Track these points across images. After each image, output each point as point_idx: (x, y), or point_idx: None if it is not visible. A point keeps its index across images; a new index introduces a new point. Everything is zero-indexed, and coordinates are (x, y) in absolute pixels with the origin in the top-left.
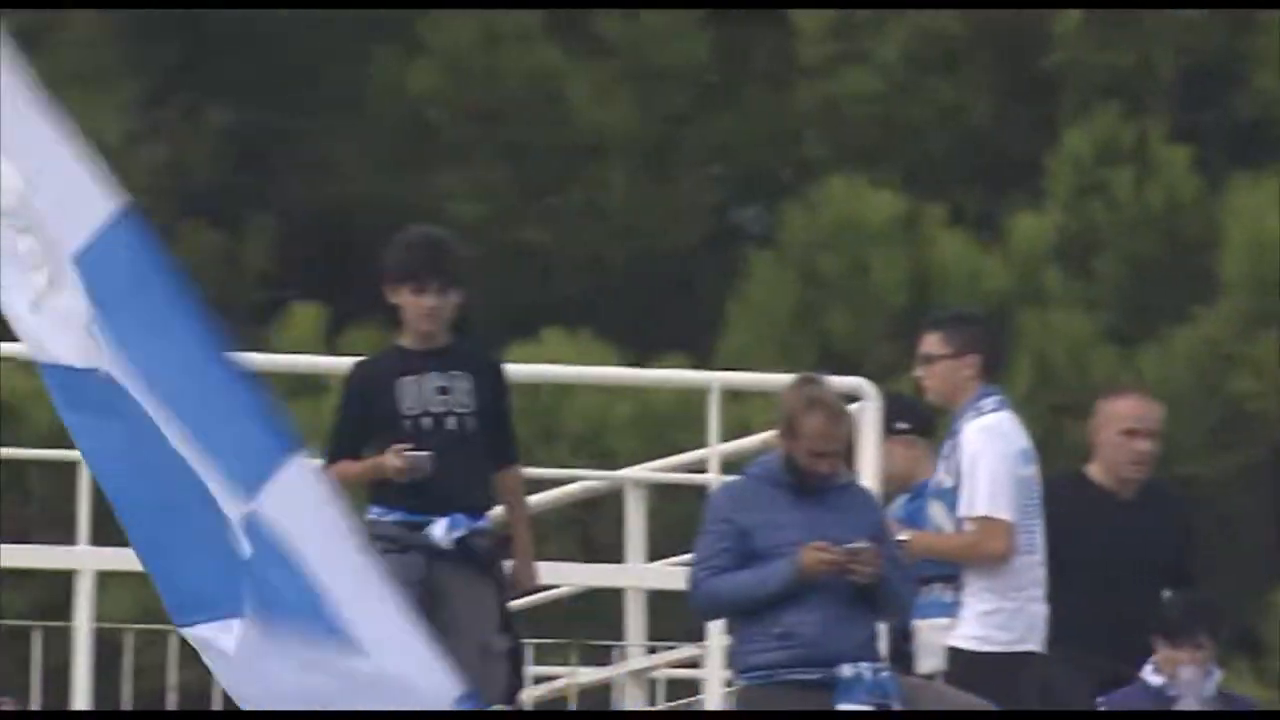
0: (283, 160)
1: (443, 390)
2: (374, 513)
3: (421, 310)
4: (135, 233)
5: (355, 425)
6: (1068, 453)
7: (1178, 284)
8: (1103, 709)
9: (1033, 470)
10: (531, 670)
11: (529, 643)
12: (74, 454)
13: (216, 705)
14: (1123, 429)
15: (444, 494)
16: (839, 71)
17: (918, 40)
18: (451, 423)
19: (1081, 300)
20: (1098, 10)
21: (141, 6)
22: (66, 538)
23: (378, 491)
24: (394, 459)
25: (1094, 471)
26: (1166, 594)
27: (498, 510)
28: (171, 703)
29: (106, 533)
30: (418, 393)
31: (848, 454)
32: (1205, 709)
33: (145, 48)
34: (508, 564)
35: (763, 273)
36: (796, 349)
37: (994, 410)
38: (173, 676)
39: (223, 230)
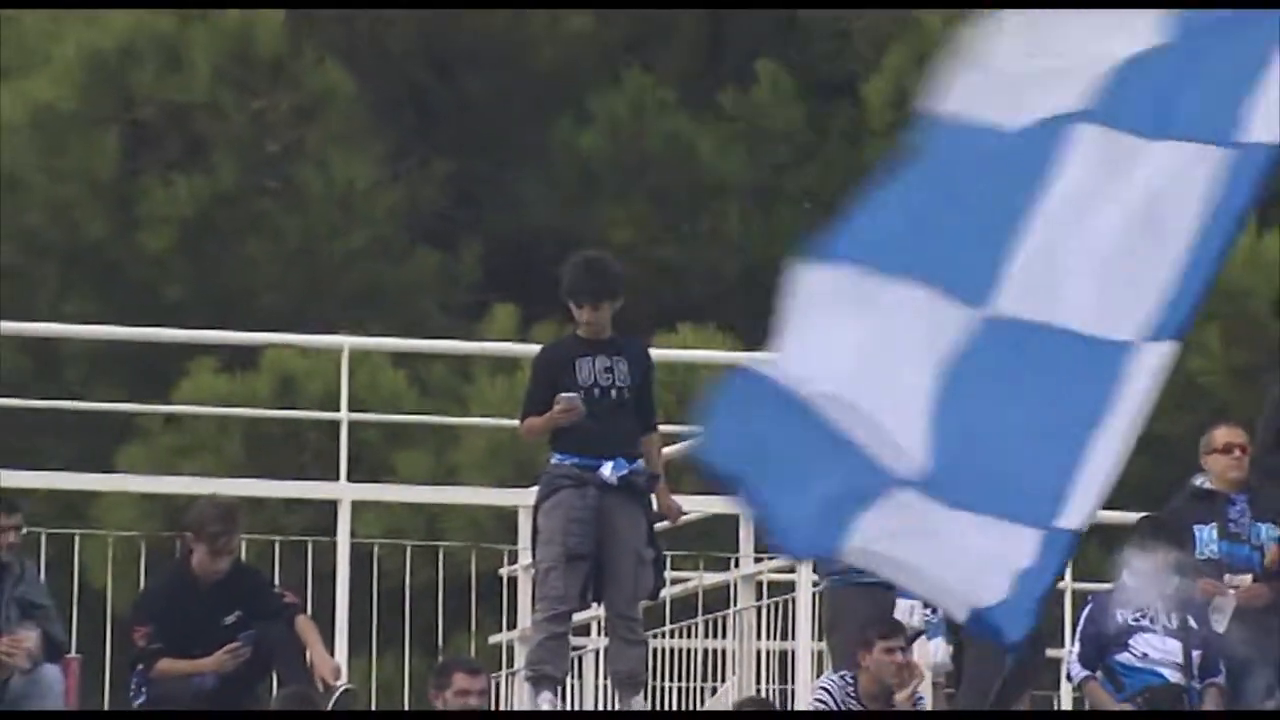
0: (488, 199)
1: (607, 370)
2: (555, 458)
3: (583, 319)
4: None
5: (542, 392)
6: None
7: None
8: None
9: None
10: (669, 574)
11: (668, 554)
12: (338, 415)
13: (441, 597)
14: None
15: (608, 444)
16: (896, 132)
17: None
18: (613, 394)
19: None
20: None
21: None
22: (331, 476)
23: (557, 442)
24: (557, 404)
25: None
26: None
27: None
28: (408, 598)
29: (360, 473)
30: (590, 370)
31: None
32: (1173, 604)
33: (389, 116)
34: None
35: None
36: None
37: None
38: (409, 579)
39: (444, 251)
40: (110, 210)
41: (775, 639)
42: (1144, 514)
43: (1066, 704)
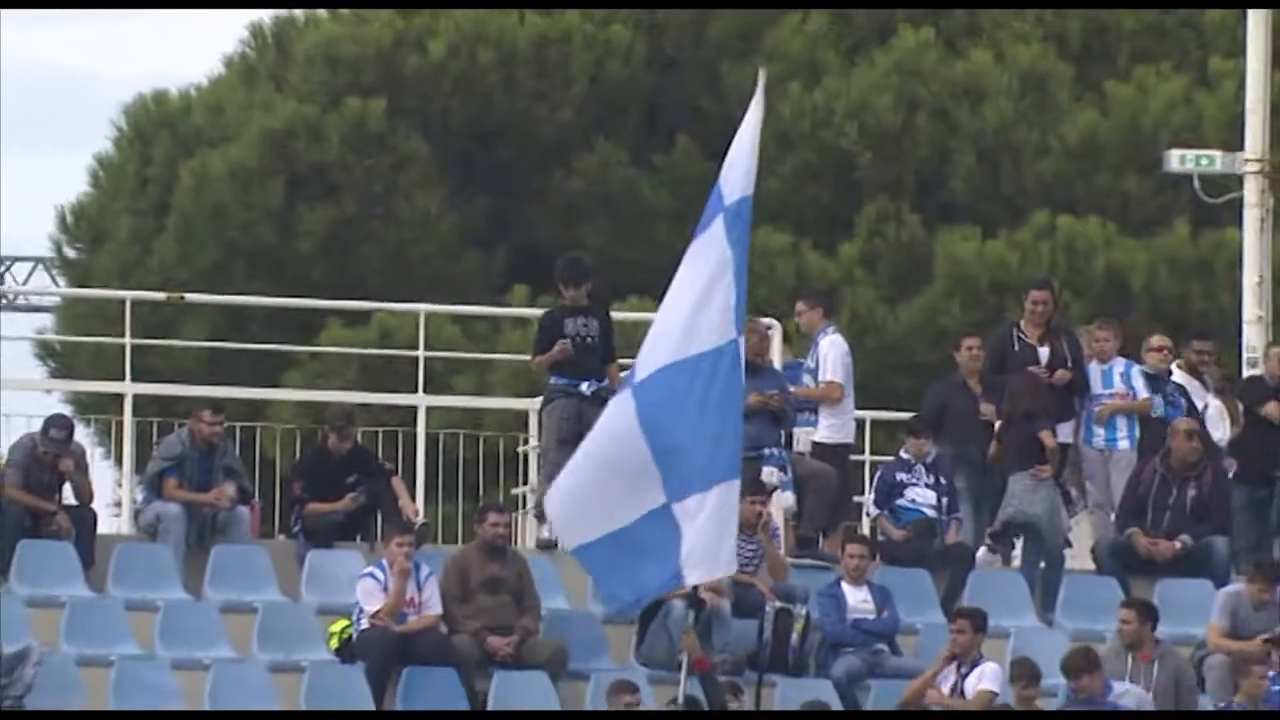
0: (512, 222)
1: (585, 325)
2: (553, 380)
3: (569, 295)
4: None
5: (545, 340)
6: (867, 357)
7: (916, 277)
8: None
9: (850, 361)
10: None
11: None
12: (417, 353)
13: (481, 466)
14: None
15: (585, 371)
16: (763, 178)
17: (798, 164)
18: (588, 340)
19: (871, 284)
20: (881, 153)
21: None
22: (413, 390)
23: (554, 370)
24: (555, 348)
25: None
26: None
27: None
28: (460, 466)
29: (431, 389)
30: (574, 326)
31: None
32: (929, 469)
33: (449, 169)
34: None
35: None
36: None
37: (833, 333)
38: (461, 454)
39: (484, 253)
40: (277, 228)
41: None
42: (912, 413)
43: (865, 530)
